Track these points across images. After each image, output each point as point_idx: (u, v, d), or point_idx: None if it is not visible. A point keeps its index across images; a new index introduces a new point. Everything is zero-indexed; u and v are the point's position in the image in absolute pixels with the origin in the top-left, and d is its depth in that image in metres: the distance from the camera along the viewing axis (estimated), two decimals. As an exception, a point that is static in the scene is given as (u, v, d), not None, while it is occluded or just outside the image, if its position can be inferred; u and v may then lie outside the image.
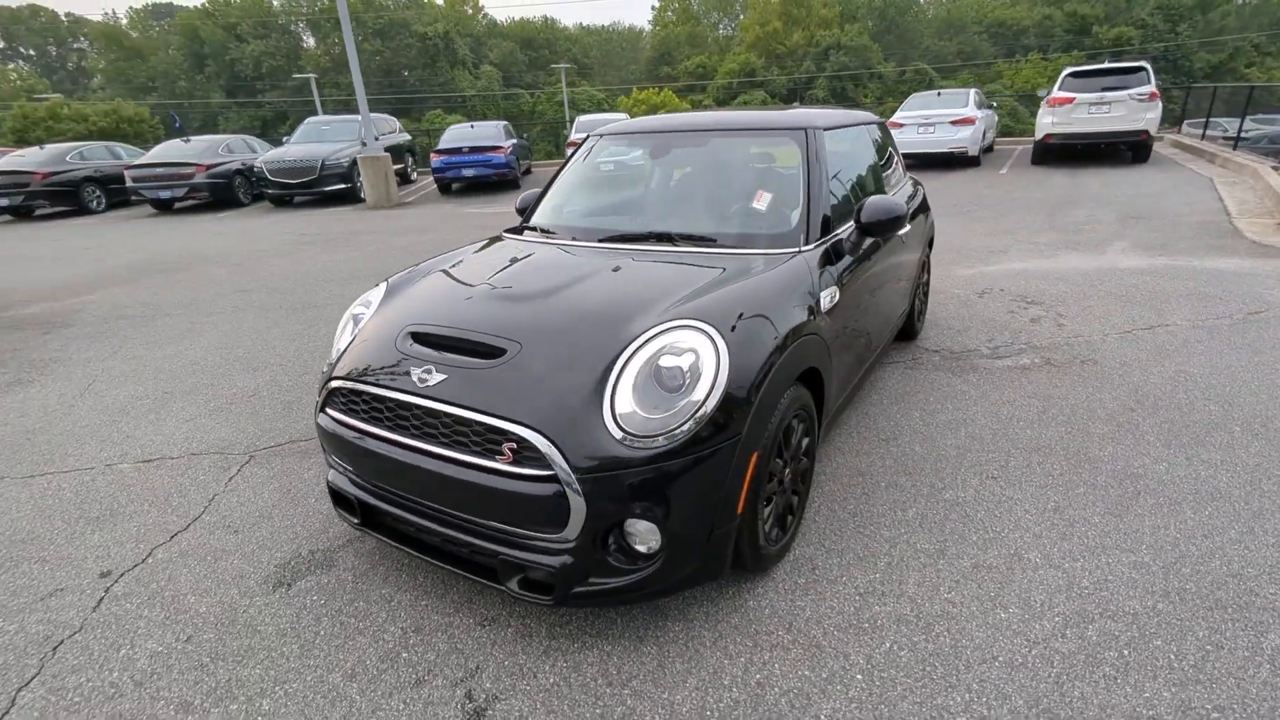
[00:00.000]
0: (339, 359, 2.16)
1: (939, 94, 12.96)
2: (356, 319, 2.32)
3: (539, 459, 1.66)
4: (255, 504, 2.71)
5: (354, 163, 12.65)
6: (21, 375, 4.40)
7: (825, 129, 2.77)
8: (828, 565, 2.17)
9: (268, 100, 51.98)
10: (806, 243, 2.40)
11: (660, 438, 1.66)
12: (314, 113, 31.02)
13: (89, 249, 9.48)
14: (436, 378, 1.85)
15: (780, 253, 2.32)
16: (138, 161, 13.20)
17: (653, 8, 60.67)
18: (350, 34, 11.80)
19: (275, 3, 56.57)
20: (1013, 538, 2.26)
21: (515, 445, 1.69)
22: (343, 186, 12.77)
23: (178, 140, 14.12)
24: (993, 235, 6.99)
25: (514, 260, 2.48)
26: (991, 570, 2.11)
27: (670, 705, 1.68)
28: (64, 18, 74.17)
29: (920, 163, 12.83)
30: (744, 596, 2.04)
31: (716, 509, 1.75)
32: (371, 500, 2.04)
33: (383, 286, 2.45)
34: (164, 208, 13.37)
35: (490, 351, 1.88)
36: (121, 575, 2.31)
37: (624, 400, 1.70)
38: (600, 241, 2.58)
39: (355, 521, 2.11)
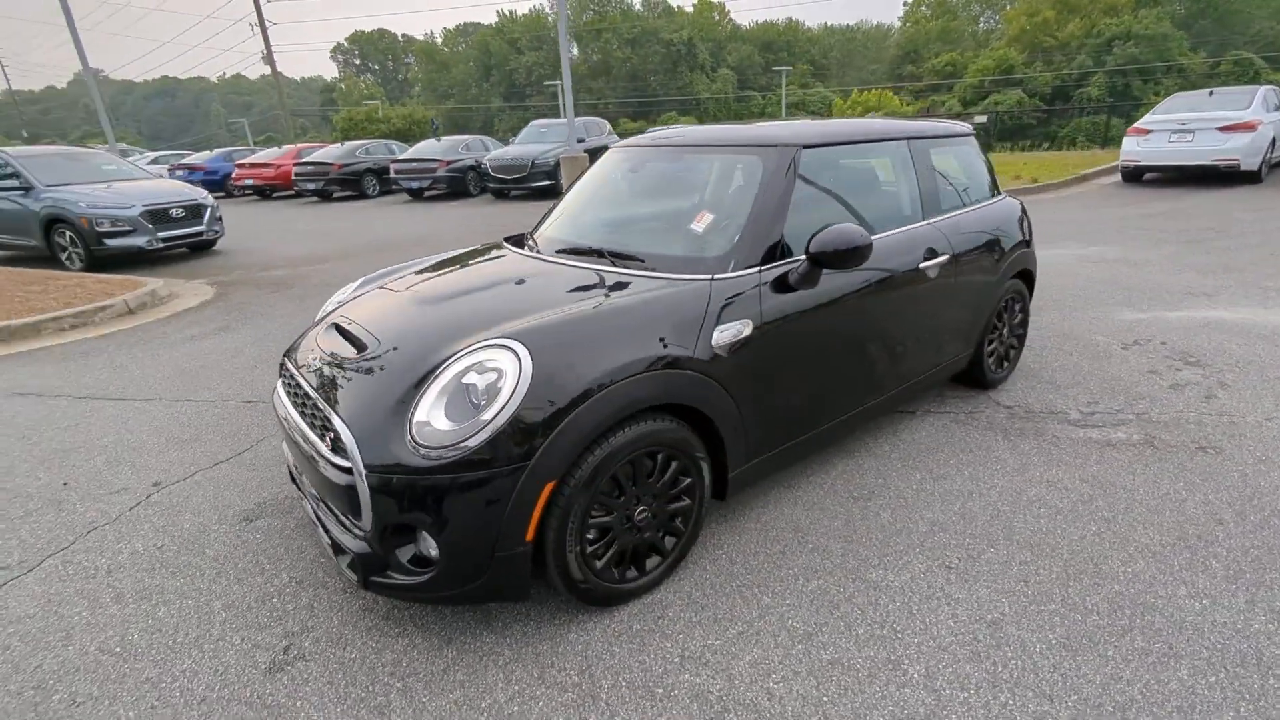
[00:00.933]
0: (296, 340, 2.47)
1: (1210, 93, 10.33)
2: (327, 308, 2.62)
3: (344, 450, 1.77)
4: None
5: (558, 162, 13.76)
6: (230, 323, 5.60)
7: (810, 146, 2.46)
8: (675, 617, 1.98)
9: (532, 104, 58.35)
10: (735, 270, 2.17)
11: (448, 450, 1.67)
12: (561, 115, 34.11)
13: (348, 228, 11.58)
14: (317, 365, 2.05)
15: (684, 279, 2.14)
16: (400, 157, 15.76)
17: (905, 3, 56.37)
18: (565, 46, 12.81)
19: (551, 18, 63.08)
20: (907, 642, 1.85)
21: (334, 434, 1.82)
22: (548, 183, 13.97)
23: (432, 140, 16.56)
24: (1208, 273, 5.49)
25: (462, 265, 2.60)
26: (848, 671, 1.76)
27: (422, 709, 1.70)
28: (400, 38, 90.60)
29: (1178, 176, 10.47)
30: (571, 627, 1.96)
31: (498, 531, 1.71)
32: (293, 469, 2.32)
33: (359, 281, 2.73)
34: (415, 196, 15.77)
35: (360, 346, 2.03)
36: (164, 488, 2.89)
37: (423, 410, 1.74)
38: (556, 254, 2.59)
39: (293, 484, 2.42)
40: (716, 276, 2.14)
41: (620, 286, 2.14)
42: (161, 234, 8.59)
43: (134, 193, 8.64)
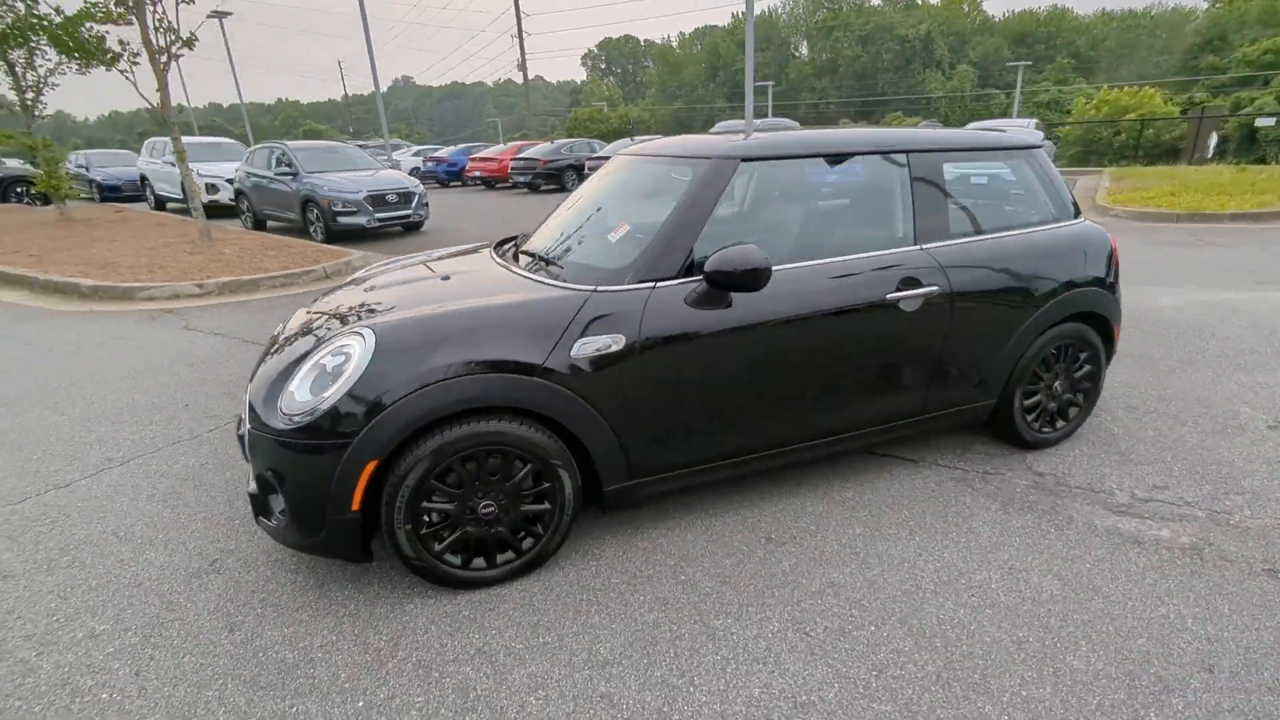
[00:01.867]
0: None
1: None
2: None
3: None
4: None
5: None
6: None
7: (751, 159, 2.27)
8: (503, 614, 2.01)
9: (755, 104, 58.09)
10: (631, 283, 2.11)
11: (297, 418, 1.90)
12: (767, 114, 33.53)
13: (526, 214, 12.74)
14: (274, 342, 2.42)
15: (568, 288, 2.12)
16: (595, 154, 16.85)
17: (1217, -19, 45.67)
18: (751, 45, 12.65)
19: (784, 18, 62.04)
20: (693, 699, 1.69)
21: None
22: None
23: (625, 140, 17.42)
24: None
25: (438, 260, 2.83)
26: (610, 709, 1.67)
27: (263, 631, 1.95)
28: (643, 43, 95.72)
29: None
30: (414, 599, 2.08)
31: (327, 499, 1.89)
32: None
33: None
34: (532, 189, 16.92)
35: (296, 327, 2.35)
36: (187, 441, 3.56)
37: (294, 383, 1.98)
38: (512, 256, 2.70)
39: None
40: (599, 288, 2.10)
41: (514, 290, 2.20)
42: (378, 215, 10.22)
43: (364, 181, 10.38)
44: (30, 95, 10.84)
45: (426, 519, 2.00)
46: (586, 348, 2.01)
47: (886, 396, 2.49)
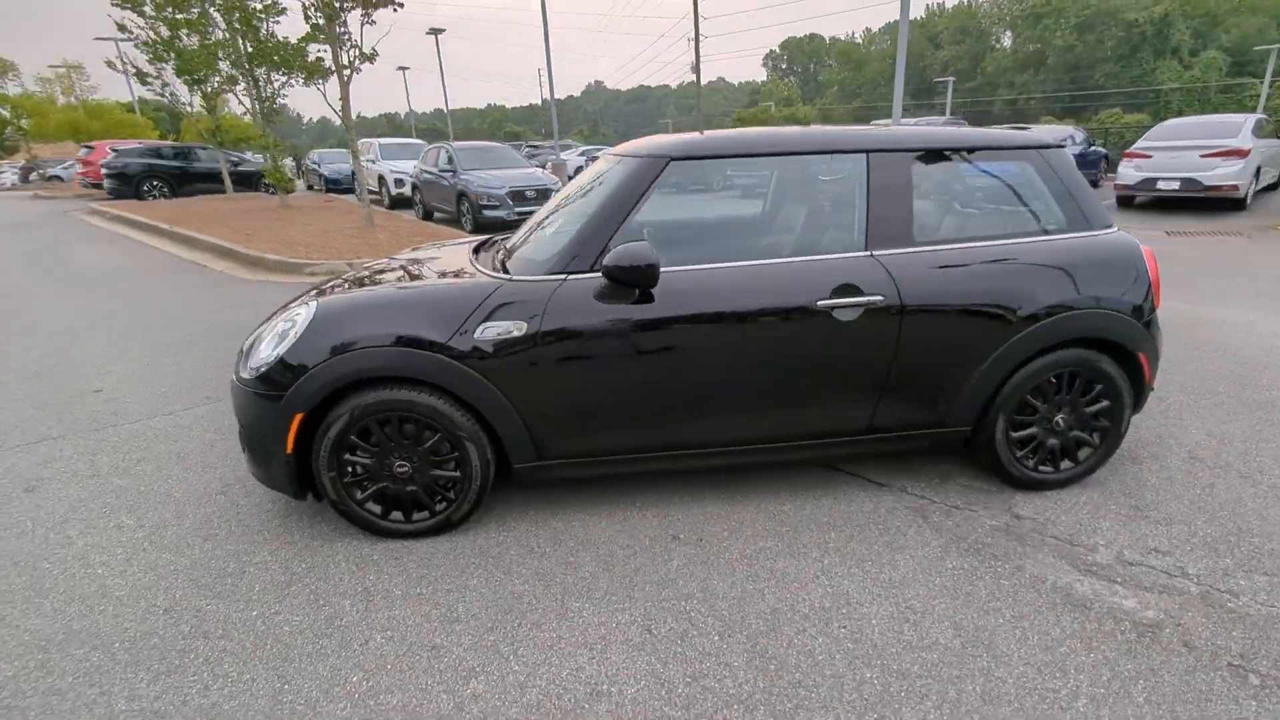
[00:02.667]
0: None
1: None
2: None
3: None
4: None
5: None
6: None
7: (681, 159, 2.24)
8: (386, 561, 2.22)
9: (937, 102, 53.44)
10: (549, 274, 2.22)
11: (255, 370, 2.25)
12: (945, 113, 30.76)
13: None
14: None
15: (491, 276, 2.27)
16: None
17: None
18: (904, 37, 11.77)
19: (985, 6, 56.37)
20: (503, 656, 1.77)
21: (247, 351, 2.58)
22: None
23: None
24: None
25: (446, 245, 3.11)
26: (423, 649, 1.80)
27: (234, 542, 2.35)
28: (828, 40, 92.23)
29: None
30: (346, 539, 2.37)
31: (270, 440, 2.22)
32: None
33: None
34: None
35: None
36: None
37: (261, 342, 2.34)
38: (491, 247, 2.90)
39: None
40: (513, 277, 2.23)
41: (450, 276, 2.40)
42: (517, 209, 11.07)
43: (509, 178, 11.32)
44: (266, 104, 13.21)
45: (351, 470, 2.27)
46: (489, 331, 2.15)
47: (822, 409, 2.33)
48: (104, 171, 17.63)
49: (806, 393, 2.31)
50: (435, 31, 38.97)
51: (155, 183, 17.81)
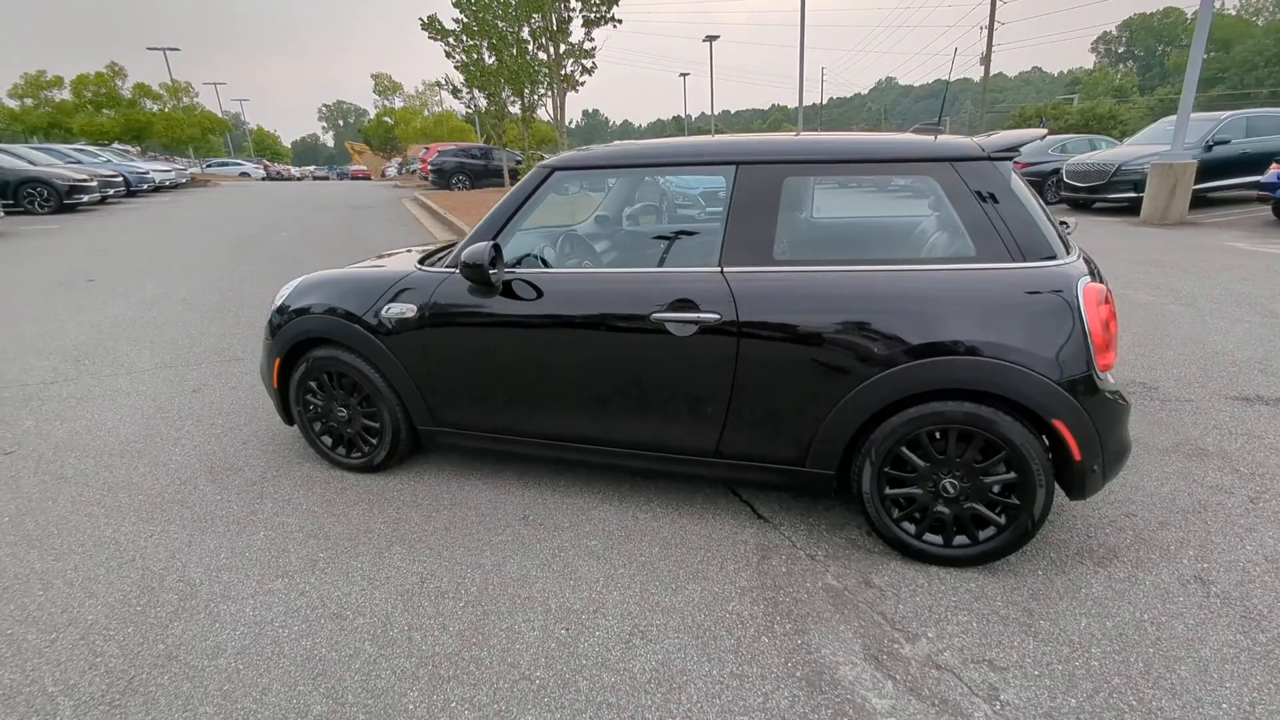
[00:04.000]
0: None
1: None
2: None
3: None
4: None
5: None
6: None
7: (563, 169, 2.36)
8: (328, 485, 2.76)
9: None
10: (445, 267, 2.55)
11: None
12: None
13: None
14: None
15: (415, 267, 2.63)
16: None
17: None
18: (1208, 14, 9.13)
19: None
20: (242, 574, 2.17)
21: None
22: (1132, 195, 10.63)
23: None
24: None
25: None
26: (220, 552, 2.29)
27: (254, 466, 3.17)
28: (1188, 15, 73.48)
29: None
30: (307, 467, 3.00)
31: (268, 369, 2.92)
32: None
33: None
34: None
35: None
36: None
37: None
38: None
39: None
40: (420, 268, 2.58)
41: (394, 263, 2.85)
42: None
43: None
44: (528, 112, 15.45)
45: (311, 408, 2.88)
46: (392, 311, 2.55)
47: (667, 424, 2.26)
48: (429, 167, 22.34)
49: (649, 405, 2.27)
50: (710, 39, 40.61)
51: (461, 177, 21.95)
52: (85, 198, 14.58)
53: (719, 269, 2.14)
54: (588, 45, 14.17)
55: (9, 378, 4.09)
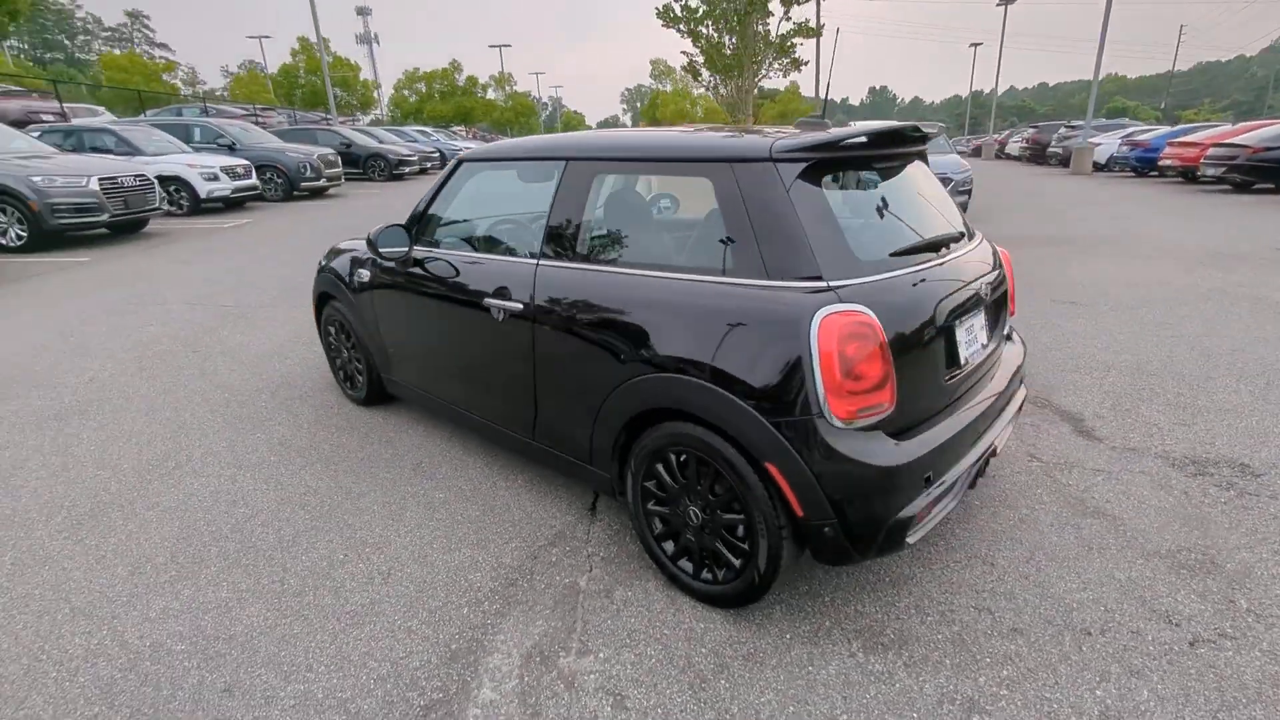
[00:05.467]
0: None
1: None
2: None
3: None
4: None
5: None
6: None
7: (469, 160, 2.58)
8: (324, 407, 3.43)
9: None
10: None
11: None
12: None
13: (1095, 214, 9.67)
14: None
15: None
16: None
17: None
18: None
19: None
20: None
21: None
22: None
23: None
24: None
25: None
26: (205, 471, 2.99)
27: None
28: None
29: None
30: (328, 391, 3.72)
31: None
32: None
33: None
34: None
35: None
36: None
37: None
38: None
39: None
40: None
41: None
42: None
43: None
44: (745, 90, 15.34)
45: (330, 343, 3.58)
46: (359, 276, 3.06)
47: (504, 402, 2.39)
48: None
49: (491, 382, 2.42)
50: (1005, 2, 35.37)
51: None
52: (408, 169, 18.57)
53: (536, 261, 2.18)
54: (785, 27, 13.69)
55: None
